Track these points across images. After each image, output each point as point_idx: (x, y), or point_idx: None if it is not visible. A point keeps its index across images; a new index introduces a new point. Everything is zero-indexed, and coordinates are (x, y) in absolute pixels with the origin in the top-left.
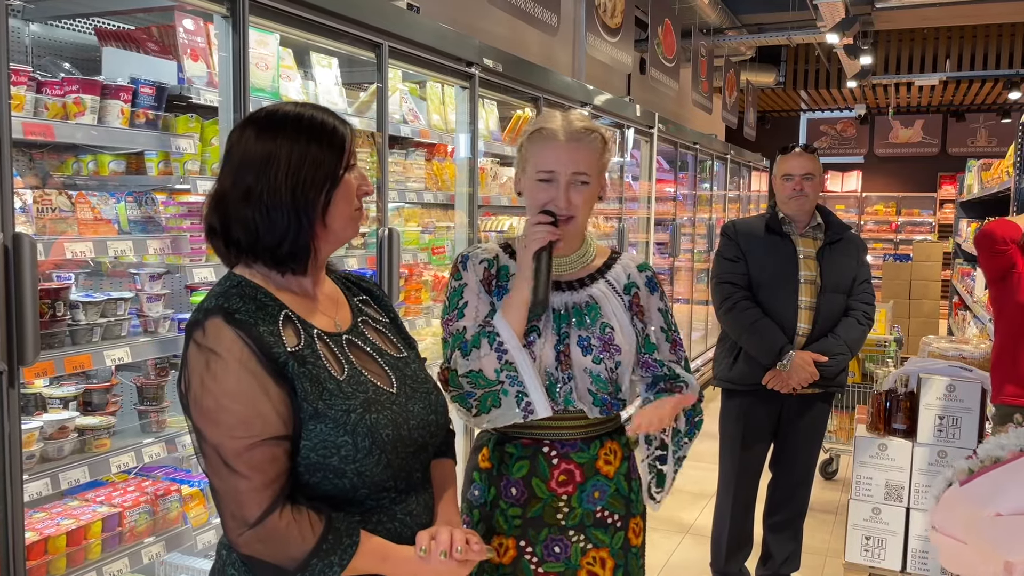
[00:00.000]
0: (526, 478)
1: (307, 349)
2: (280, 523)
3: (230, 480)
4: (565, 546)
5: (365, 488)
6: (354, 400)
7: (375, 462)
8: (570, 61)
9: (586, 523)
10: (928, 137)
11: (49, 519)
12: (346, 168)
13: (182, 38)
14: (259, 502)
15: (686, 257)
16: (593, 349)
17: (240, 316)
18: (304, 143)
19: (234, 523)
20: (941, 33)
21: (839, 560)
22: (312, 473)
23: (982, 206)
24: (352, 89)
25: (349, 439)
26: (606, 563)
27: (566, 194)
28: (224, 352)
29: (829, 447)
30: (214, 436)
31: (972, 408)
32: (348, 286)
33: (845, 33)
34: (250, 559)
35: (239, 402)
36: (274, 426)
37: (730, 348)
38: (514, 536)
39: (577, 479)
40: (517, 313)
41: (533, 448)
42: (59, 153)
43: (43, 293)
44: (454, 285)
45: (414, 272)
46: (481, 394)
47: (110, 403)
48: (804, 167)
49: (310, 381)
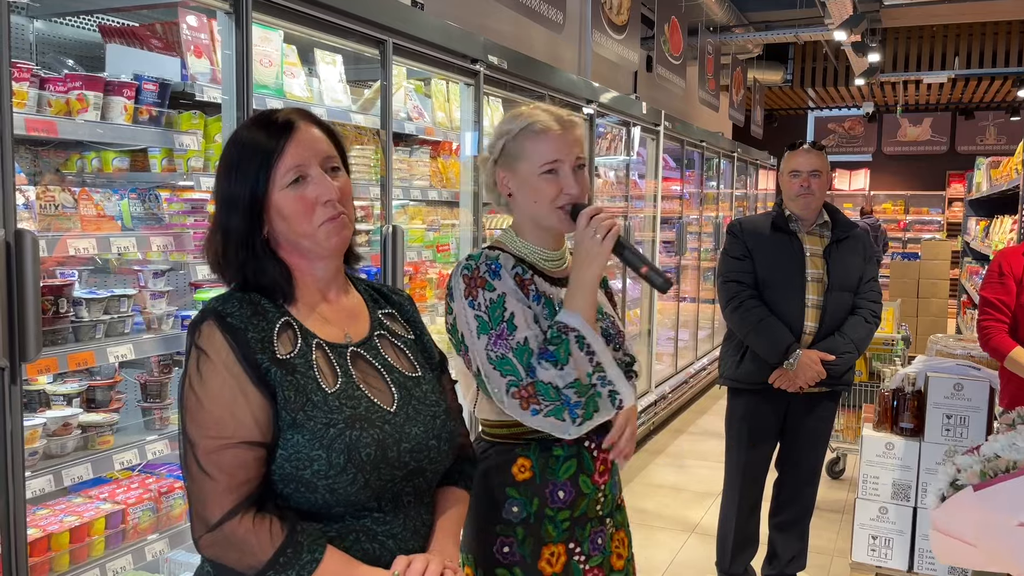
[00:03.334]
0: (574, 477)
1: (300, 358)
2: (239, 529)
3: (199, 480)
4: (604, 536)
5: (340, 506)
6: (338, 415)
7: (349, 481)
8: (576, 58)
9: (613, 509)
10: (936, 135)
11: (52, 516)
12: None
13: (186, 35)
14: (221, 505)
15: (692, 256)
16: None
17: (232, 320)
18: (242, 136)
19: (197, 523)
20: (950, 30)
21: (845, 560)
22: (286, 484)
23: (991, 204)
24: (356, 86)
25: (323, 453)
26: (624, 541)
27: (576, 179)
28: (212, 354)
29: (836, 446)
30: (191, 434)
31: (980, 407)
32: (376, 298)
33: (853, 30)
34: (212, 562)
35: (217, 404)
36: (248, 431)
37: (736, 347)
38: (563, 541)
39: (608, 467)
40: (590, 309)
41: (577, 446)
42: (63, 150)
43: (46, 290)
44: (491, 297)
45: (419, 270)
46: (584, 400)
47: (113, 400)
48: (811, 164)
49: (294, 390)
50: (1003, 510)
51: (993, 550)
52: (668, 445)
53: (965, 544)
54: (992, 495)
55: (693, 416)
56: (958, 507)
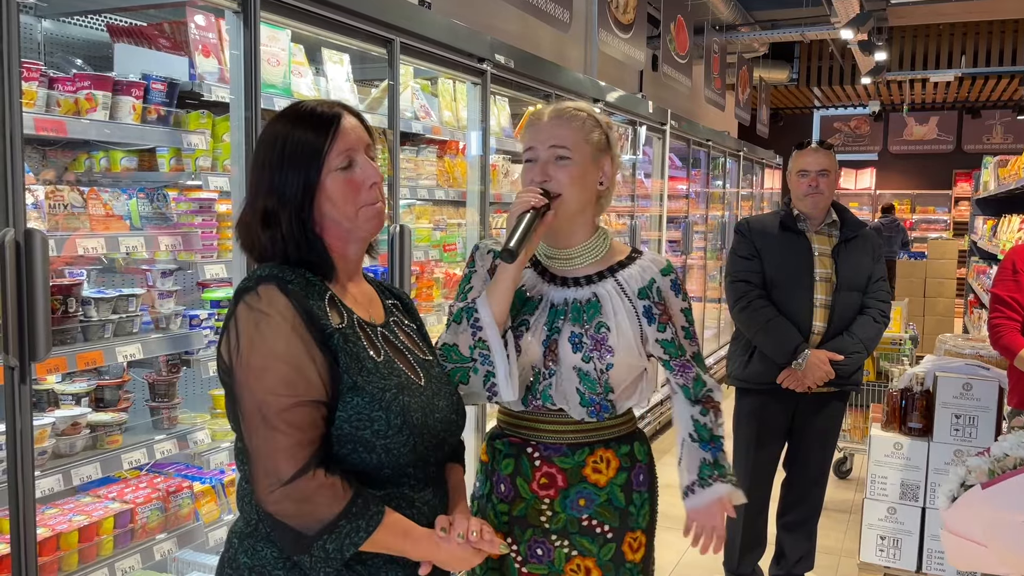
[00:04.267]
0: (512, 476)
1: (349, 329)
2: (312, 483)
3: (268, 437)
4: (548, 549)
5: (389, 468)
6: (389, 380)
7: (403, 442)
8: (582, 57)
9: (570, 529)
10: (943, 134)
11: (61, 515)
12: (343, 152)
13: (194, 34)
14: (295, 460)
15: (698, 255)
16: (584, 347)
17: (293, 287)
18: (289, 130)
19: (267, 480)
20: (956, 29)
21: (854, 560)
22: (343, 444)
23: (998, 203)
24: (363, 86)
25: (383, 415)
26: (591, 572)
27: (543, 167)
28: (276, 315)
29: (843, 446)
30: (259, 392)
31: (989, 407)
32: (382, 291)
33: (859, 29)
34: (275, 522)
35: (286, 362)
36: (317, 390)
37: (744, 346)
38: (502, 532)
39: (559, 484)
40: (500, 295)
41: (519, 447)
42: (72, 149)
43: (55, 289)
44: (466, 272)
45: (425, 269)
46: (451, 368)
47: (122, 399)
48: (820, 163)
49: (351, 357)
50: (1011, 507)
51: (1003, 550)
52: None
53: (976, 545)
54: (1000, 492)
55: None
56: (967, 506)
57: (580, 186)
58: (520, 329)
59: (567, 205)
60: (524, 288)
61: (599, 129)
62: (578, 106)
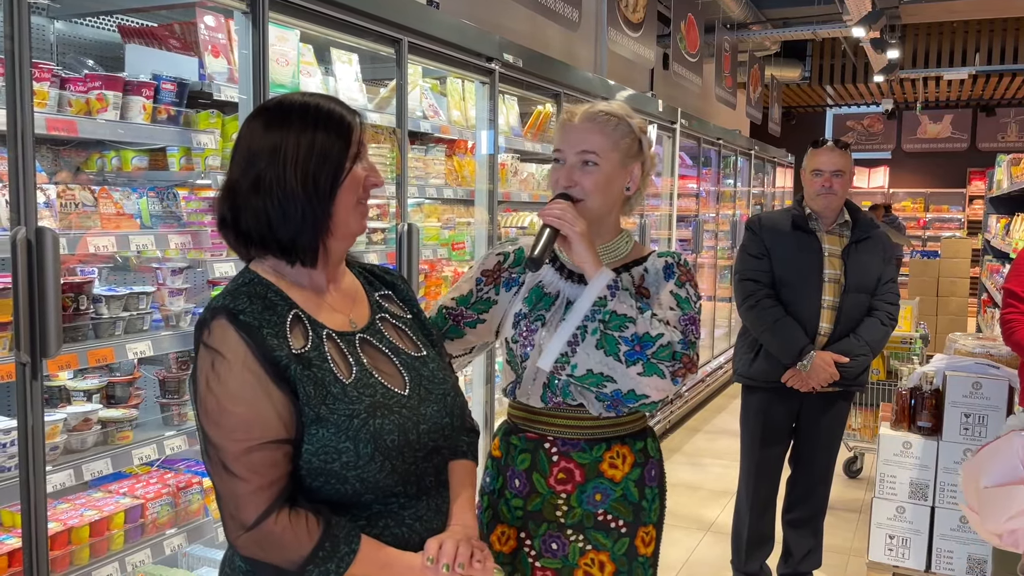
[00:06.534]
0: (528, 471)
1: (314, 351)
2: (276, 527)
3: (229, 482)
4: (563, 544)
5: (369, 494)
6: (359, 405)
7: (378, 468)
8: (592, 56)
9: (586, 524)
10: (957, 132)
11: (72, 510)
12: (355, 158)
13: (203, 35)
14: (256, 505)
15: (709, 254)
16: None
17: (245, 317)
18: (311, 132)
19: (232, 524)
20: (970, 26)
21: (862, 559)
22: (314, 478)
23: (1012, 202)
24: (372, 85)
25: (351, 445)
26: (605, 567)
27: (568, 172)
28: (228, 354)
29: (853, 445)
30: (215, 437)
31: (999, 406)
32: (371, 280)
33: (872, 27)
34: (250, 560)
35: (240, 404)
36: (274, 429)
37: (750, 344)
38: (516, 527)
39: (577, 479)
40: None
41: (536, 443)
42: (83, 149)
43: (67, 287)
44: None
45: (435, 268)
46: None
47: (133, 396)
48: (835, 164)
49: (314, 385)
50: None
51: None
52: (684, 443)
53: (975, 514)
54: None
55: (709, 414)
56: (964, 478)
57: (604, 193)
58: (535, 325)
59: (589, 210)
60: (542, 284)
61: (631, 135)
62: (611, 110)
